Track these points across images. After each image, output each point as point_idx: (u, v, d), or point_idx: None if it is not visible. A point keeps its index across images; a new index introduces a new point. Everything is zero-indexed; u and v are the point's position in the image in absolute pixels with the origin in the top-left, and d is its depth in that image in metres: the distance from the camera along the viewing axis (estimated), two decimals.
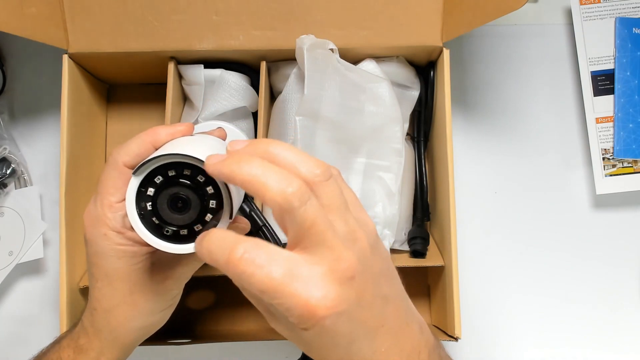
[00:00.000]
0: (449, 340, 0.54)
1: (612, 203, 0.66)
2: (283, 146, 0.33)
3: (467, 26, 0.54)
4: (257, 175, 0.31)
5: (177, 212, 0.37)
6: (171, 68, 0.58)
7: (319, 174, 0.32)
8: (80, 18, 0.55)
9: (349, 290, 0.32)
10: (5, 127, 0.65)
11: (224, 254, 0.31)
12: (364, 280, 0.33)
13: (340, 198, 0.33)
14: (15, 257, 0.62)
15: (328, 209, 0.32)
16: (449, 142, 0.55)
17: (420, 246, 0.58)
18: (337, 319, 0.31)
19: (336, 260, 0.31)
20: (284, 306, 0.31)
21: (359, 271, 0.32)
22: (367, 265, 0.33)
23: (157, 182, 0.37)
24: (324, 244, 0.31)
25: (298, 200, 0.30)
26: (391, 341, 0.35)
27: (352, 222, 0.33)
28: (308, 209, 0.31)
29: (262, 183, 0.31)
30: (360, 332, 0.33)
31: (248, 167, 0.31)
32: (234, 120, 0.60)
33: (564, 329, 0.65)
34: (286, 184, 0.31)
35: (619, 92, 0.64)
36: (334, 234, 0.32)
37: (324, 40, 0.55)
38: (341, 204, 0.33)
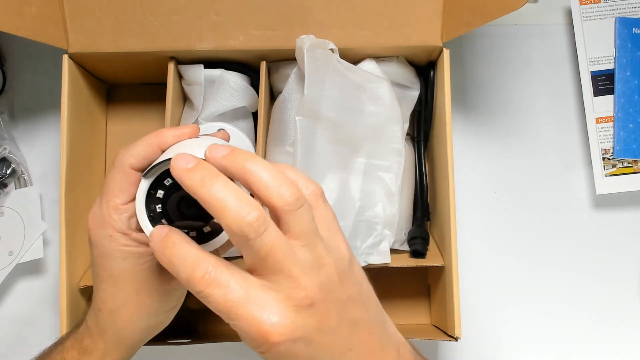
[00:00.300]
0: (449, 340, 0.54)
1: (612, 203, 0.66)
2: (260, 165, 0.32)
3: (467, 26, 0.54)
4: (217, 198, 0.31)
5: (186, 214, 0.37)
6: (171, 68, 0.58)
7: (290, 202, 0.32)
8: (80, 18, 0.55)
9: (306, 317, 0.32)
10: (5, 127, 0.65)
11: (185, 270, 0.32)
12: (326, 307, 0.33)
13: (309, 226, 0.33)
14: (15, 257, 0.62)
15: (294, 237, 0.32)
16: (449, 142, 0.55)
17: (420, 246, 0.58)
18: (292, 345, 0.32)
19: (293, 288, 0.32)
20: (239, 328, 0.31)
21: (320, 298, 0.32)
22: (332, 292, 0.33)
23: (166, 185, 0.37)
24: (281, 272, 0.31)
25: (253, 231, 0.30)
26: None
27: (319, 249, 0.33)
28: (264, 239, 0.31)
29: (221, 207, 0.31)
30: (324, 356, 0.33)
31: (209, 186, 0.31)
32: (234, 120, 0.60)
33: (563, 329, 0.65)
34: (244, 213, 0.30)
35: (619, 92, 0.64)
36: (293, 261, 0.32)
37: (324, 40, 0.55)
38: (309, 232, 0.33)
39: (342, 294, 0.34)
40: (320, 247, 0.33)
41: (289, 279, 0.32)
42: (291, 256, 0.32)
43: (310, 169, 0.54)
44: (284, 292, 0.31)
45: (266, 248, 0.31)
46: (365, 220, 0.55)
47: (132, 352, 0.45)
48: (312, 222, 0.33)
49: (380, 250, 0.55)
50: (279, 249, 0.31)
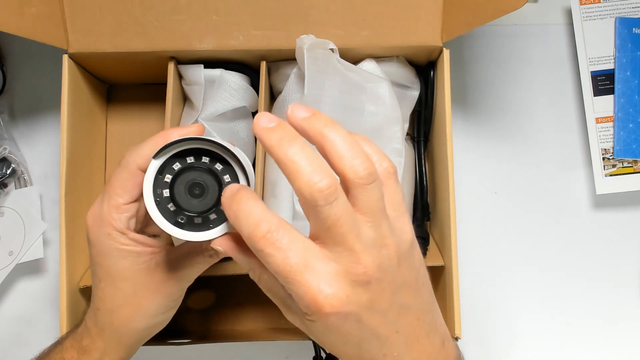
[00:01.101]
0: None
1: (612, 203, 0.67)
2: (338, 134, 0.32)
3: (467, 26, 0.54)
4: (293, 160, 0.30)
5: (195, 198, 0.37)
6: (171, 68, 0.58)
7: (362, 177, 0.31)
8: (80, 18, 0.55)
9: (361, 294, 0.32)
10: (5, 127, 0.65)
11: (248, 225, 0.31)
12: (381, 287, 0.33)
13: (377, 203, 0.32)
14: (15, 257, 0.62)
15: (360, 211, 0.32)
16: (449, 142, 0.55)
17: (420, 246, 0.58)
18: (343, 319, 0.32)
19: (353, 263, 0.31)
20: (293, 292, 0.31)
21: (377, 278, 0.32)
22: (389, 273, 0.33)
23: (175, 169, 0.37)
24: (343, 245, 0.31)
25: (323, 199, 0.30)
26: (404, 348, 0.35)
27: (384, 229, 0.33)
28: (332, 209, 0.30)
29: (295, 170, 0.30)
30: (370, 335, 0.33)
31: (287, 147, 0.31)
32: (234, 120, 0.60)
33: (563, 329, 0.65)
34: (317, 179, 0.30)
35: (619, 92, 0.64)
36: (356, 237, 0.31)
37: (324, 40, 0.55)
38: (376, 209, 0.32)
39: (398, 277, 0.34)
40: (385, 226, 0.33)
41: (350, 253, 0.31)
42: (355, 231, 0.31)
43: None
44: (343, 265, 0.31)
45: (333, 218, 0.31)
46: None
47: (132, 352, 0.45)
48: (380, 199, 0.33)
49: None
50: (345, 222, 0.31)
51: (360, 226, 0.32)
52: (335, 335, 0.33)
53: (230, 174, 0.37)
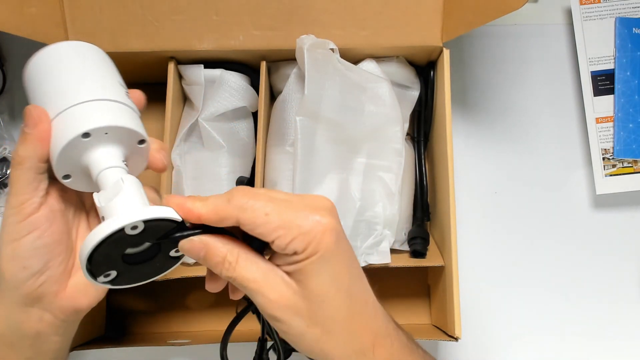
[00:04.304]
0: (449, 340, 0.54)
1: (612, 203, 0.67)
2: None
3: (467, 26, 0.54)
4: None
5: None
6: (171, 68, 0.58)
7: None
8: (80, 18, 0.55)
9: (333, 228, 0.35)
10: (5, 127, 0.65)
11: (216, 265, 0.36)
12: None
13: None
14: None
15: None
16: (449, 142, 0.55)
17: (420, 246, 0.58)
18: (341, 237, 0.35)
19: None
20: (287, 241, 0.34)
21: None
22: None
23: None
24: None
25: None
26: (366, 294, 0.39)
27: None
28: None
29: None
30: (353, 267, 0.37)
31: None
32: (234, 120, 0.60)
33: (563, 329, 0.65)
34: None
35: (619, 92, 0.64)
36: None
37: (325, 40, 0.55)
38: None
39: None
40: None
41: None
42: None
43: (310, 169, 0.54)
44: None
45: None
46: (365, 220, 0.55)
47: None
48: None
49: (380, 250, 0.55)
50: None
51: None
52: (329, 267, 0.35)
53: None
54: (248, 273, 0.35)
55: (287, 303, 0.35)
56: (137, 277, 0.36)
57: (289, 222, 0.34)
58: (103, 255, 0.33)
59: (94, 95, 0.37)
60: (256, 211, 0.34)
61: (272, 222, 0.34)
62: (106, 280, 0.34)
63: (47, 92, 0.38)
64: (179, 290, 0.63)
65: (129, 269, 0.35)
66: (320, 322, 0.36)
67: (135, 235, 0.33)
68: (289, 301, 0.35)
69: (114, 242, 0.33)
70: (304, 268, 0.35)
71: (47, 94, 0.38)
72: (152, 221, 0.33)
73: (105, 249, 0.33)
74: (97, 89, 0.38)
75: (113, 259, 0.34)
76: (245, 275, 0.35)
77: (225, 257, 0.35)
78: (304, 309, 0.35)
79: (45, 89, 0.38)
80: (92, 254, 0.33)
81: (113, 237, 0.32)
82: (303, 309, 0.35)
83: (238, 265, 0.35)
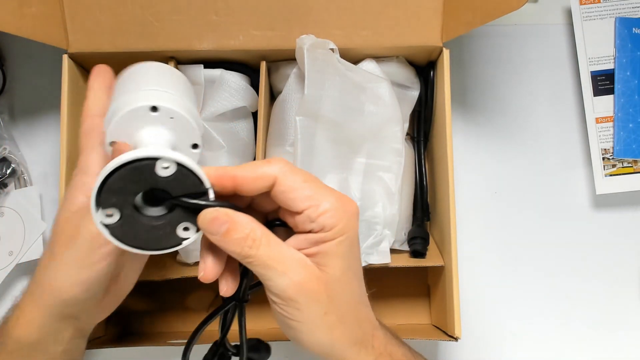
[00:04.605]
0: (449, 340, 0.54)
1: (612, 203, 0.67)
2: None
3: (467, 26, 0.54)
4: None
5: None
6: None
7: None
8: (80, 18, 0.55)
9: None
10: (5, 127, 0.65)
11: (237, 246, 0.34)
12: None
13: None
14: (15, 257, 0.62)
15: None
16: (448, 142, 0.55)
17: (420, 246, 0.58)
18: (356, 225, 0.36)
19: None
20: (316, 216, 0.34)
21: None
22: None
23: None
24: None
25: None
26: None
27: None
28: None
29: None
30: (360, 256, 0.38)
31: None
32: (234, 120, 0.60)
33: (563, 329, 0.65)
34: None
35: (619, 92, 0.64)
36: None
37: (324, 40, 0.55)
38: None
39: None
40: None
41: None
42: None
43: (310, 169, 0.54)
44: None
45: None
46: (365, 220, 0.55)
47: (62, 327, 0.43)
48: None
49: (380, 250, 0.55)
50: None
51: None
52: (354, 246, 0.35)
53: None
54: (272, 252, 0.34)
55: (308, 286, 0.34)
56: (134, 236, 0.34)
57: (324, 196, 0.34)
58: (123, 181, 0.32)
59: (174, 91, 0.39)
60: (296, 175, 0.34)
61: (308, 190, 0.34)
62: (106, 221, 0.33)
63: (134, 80, 0.40)
64: (179, 290, 0.63)
65: (132, 221, 0.33)
66: (336, 309, 0.35)
67: (162, 178, 0.32)
68: (311, 284, 0.34)
69: (140, 170, 0.32)
70: (329, 250, 0.34)
71: (133, 81, 0.40)
72: (185, 168, 0.32)
73: (129, 174, 0.32)
74: (177, 91, 0.39)
75: (127, 193, 0.32)
76: (269, 254, 0.34)
77: (249, 234, 0.34)
78: (324, 294, 0.35)
79: (133, 79, 0.40)
80: (113, 172, 0.31)
81: (142, 163, 0.32)
82: (322, 294, 0.35)
83: (262, 244, 0.34)
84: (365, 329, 0.38)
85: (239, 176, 0.34)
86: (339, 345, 0.36)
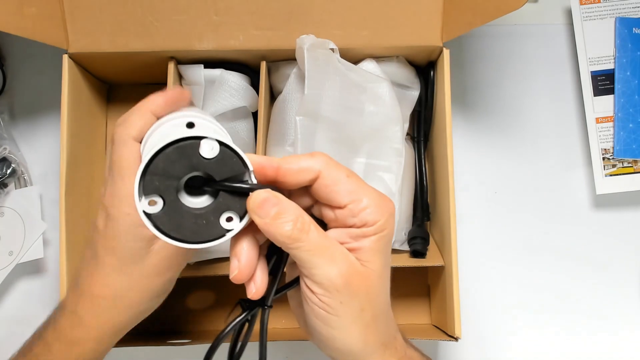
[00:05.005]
0: (449, 340, 0.54)
1: (612, 203, 0.66)
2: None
3: (467, 26, 0.54)
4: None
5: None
6: (171, 68, 0.58)
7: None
8: (80, 18, 0.55)
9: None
10: (5, 127, 0.65)
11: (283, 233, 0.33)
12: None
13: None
14: (15, 257, 0.62)
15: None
16: (449, 142, 0.55)
17: (420, 246, 0.58)
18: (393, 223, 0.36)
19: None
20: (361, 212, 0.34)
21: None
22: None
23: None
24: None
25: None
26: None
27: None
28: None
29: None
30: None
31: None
32: (234, 120, 0.60)
33: (563, 329, 0.65)
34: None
35: (619, 92, 0.64)
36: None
37: (325, 40, 0.55)
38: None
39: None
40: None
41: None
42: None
43: None
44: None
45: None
46: None
47: (120, 338, 0.45)
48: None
49: None
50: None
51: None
52: (389, 246, 0.35)
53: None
54: (320, 239, 0.33)
55: (352, 279, 0.33)
56: (177, 227, 0.32)
57: (366, 191, 0.34)
58: (167, 162, 0.31)
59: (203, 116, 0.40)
60: (339, 170, 0.34)
61: (351, 184, 0.33)
62: (149, 210, 0.32)
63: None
64: (179, 289, 0.63)
65: (176, 209, 0.32)
66: (372, 306, 0.35)
67: (206, 160, 0.32)
68: (353, 277, 0.34)
69: (184, 150, 0.31)
70: (370, 245, 0.34)
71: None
72: (229, 149, 0.32)
73: (173, 154, 0.31)
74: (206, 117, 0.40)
75: (171, 177, 0.32)
76: (318, 241, 0.33)
77: (299, 217, 0.32)
78: (363, 289, 0.34)
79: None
80: (157, 154, 0.31)
81: (187, 143, 0.31)
82: (362, 289, 0.34)
83: (310, 230, 0.33)
84: (391, 330, 0.38)
85: (283, 167, 0.33)
86: (370, 345, 0.36)
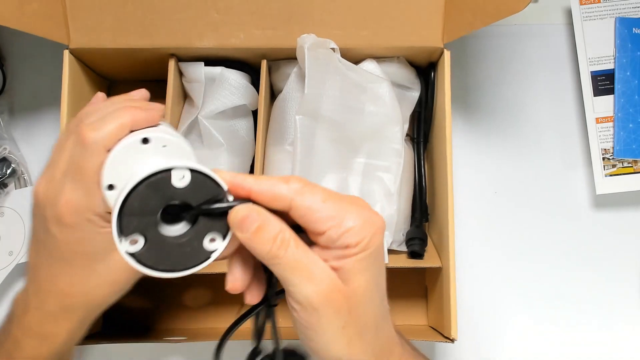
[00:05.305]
0: (445, 342, 0.54)
1: (612, 203, 0.66)
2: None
3: (468, 28, 0.54)
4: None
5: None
6: (172, 65, 0.58)
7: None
8: (81, 14, 0.55)
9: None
10: (5, 127, 0.65)
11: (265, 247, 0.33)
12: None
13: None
14: (15, 257, 0.62)
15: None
16: (448, 143, 0.55)
17: (418, 247, 0.58)
18: (381, 240, 0.35)
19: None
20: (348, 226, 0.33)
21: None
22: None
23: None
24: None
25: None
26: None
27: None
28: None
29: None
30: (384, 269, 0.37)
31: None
32: (234, 118, 0.60)
33: (562, 329, 0.65)
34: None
35: (619, 92, 0.64)
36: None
37: (325, 40, 0.55)
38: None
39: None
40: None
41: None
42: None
43: (309, 169, 0.54)
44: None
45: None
46: None
47: (89, 327, 0.45)
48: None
49: None
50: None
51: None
52: (379, 260, 0.35)
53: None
54: (300, 256, 0.33)
55: (332, 296, 0.33)
56: (162, 260, 0.32)
57: (345, 213, 0.33)
58: (141, 200, 0.31)
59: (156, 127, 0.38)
60: (315, 196, 0.33)
61: (328, 210, 0.33)
62: (131, 249, 0.32)
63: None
64: (176, 287, 0.63)
65: (158, 243, 0.32)
66: (356, 323, 0.35)
67: (179, 189, 0.31)
68: (334, 295, 0.33)
69: (156, 185, 0.31)
70: (353, 265, 0.33)
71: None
72: (200, 174, 0.32)
73: (146, 191, 0.31)
74: (158, 126, 0.39)
75: (147, 213, 0.31)
76: (297, 257, 0.33)
77: (279, 233, 0.32)
78: (345, 307, 0.34)
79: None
80: (129, 194, 0.31)
81: (158, 177, 0.31)
82: (344, 307, 0.34)
83: (290, 246, 0.32)
84: (383, 345, 0.37)
85: (254, 191, 0.33)
86: (357, 357, 0.35)
